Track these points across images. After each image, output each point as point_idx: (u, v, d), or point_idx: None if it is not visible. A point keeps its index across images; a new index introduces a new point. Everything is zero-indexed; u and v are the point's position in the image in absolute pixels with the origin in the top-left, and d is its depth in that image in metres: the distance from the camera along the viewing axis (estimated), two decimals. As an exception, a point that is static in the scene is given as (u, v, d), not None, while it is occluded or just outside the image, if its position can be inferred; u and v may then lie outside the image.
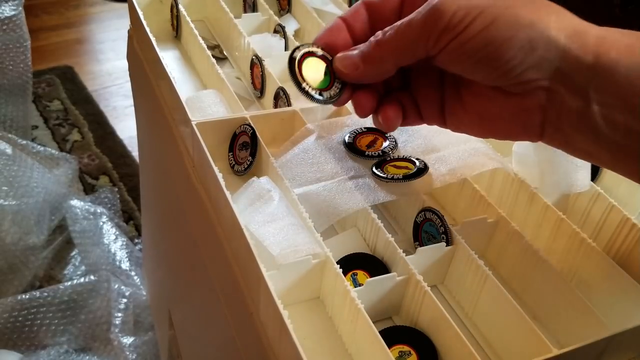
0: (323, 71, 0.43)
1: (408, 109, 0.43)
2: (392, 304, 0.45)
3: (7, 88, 1.36)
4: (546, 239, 0.49)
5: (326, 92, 0.43)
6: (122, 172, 1.57)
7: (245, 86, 0.69)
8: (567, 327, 0.44)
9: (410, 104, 0.43)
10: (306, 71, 0.43)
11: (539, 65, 0.35)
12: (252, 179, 0.48)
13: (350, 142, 0.51)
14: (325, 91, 0.43)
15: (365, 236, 0.50)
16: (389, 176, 0.47)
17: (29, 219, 1.18)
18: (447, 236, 0.46)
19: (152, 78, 0.67)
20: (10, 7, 1.28)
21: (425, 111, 0.43)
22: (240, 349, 0.47)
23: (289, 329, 0.35)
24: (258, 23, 0.74)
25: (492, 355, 0.44)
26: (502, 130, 0.39)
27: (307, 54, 0.43)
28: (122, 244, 1.26)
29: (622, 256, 0.47)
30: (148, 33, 0.63)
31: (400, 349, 0.42)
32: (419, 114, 0.43)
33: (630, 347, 0.42)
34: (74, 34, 2.10)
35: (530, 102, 0.36)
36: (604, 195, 0.49)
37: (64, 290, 1.13)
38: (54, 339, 1.11)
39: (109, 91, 1.85)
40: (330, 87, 0.43)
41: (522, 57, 0.35)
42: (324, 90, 0.43)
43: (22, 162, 1.20)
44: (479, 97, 0.39)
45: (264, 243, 0.43)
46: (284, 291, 0.44)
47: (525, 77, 0.35)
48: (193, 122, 0.52)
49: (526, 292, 0.47)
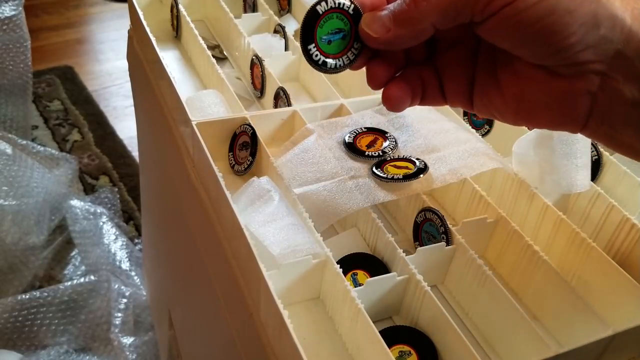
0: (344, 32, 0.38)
1: (429, 86, 0.38)
2: (392, 304, 0.45)
3: (7, 88, 1.36)
4: (546, 239, 0.49)
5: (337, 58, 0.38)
6: (122, 172, 1.57)
7: (245, 86, 0.69)
8: (567, 327, 0.44)
9: (432, 81, 0.38)
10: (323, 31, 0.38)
11: (599, 46, 0.31)
12: (252, 179, 0.48)
13: (350, 142, 0.51)
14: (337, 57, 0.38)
15: (365, 236, 0.50)
16: (389, 176, 0.47)
17: (29, 219, 1.18)
18: (447, 236, 0.46)
19: (152, 78, 0.67)
20: (10, 7, 1.28)
21: (449, 90, 0.38)
22: (240, 349, 0.47)
23: (289, 328, 0.35)
24: (258, 23, 0.74)
25: (492, 355, 0.44)
26: (539, 117, 0.35)
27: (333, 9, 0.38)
28: (122, 244, 1.26)
29: (622, 256, 0.47)
30: (148, 33, 0.63)
31: (400, 349, 0.42)
32: (442, 92, 0.38)
33: (630, 347, 0.42)
34: (74, 34, 2.10)
35: (580, 87, 0.33)
36: (604, 195, 0.49)
37: (64, 290, 1.13)
38: (54, 339, 1.11)
39: (109, 91, 1.85)
40: (345, 51, 0.38)
41: (582, 34, 0.31)
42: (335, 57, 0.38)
43: (22, 162, 1.20)
44: (520, 77, 0.35)
45: (264, 243, 0.43)
46: (284, 291, 0.44)
47: (581, 58, 0.32)
48: (193, 122, 0.52)
49: (526, 292, 0.47)
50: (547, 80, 0.33)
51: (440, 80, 0.38)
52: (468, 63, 0.37)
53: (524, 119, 0.36)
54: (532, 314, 0.46)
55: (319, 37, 0.38)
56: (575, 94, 0.33)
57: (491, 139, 0.57)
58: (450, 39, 0.38)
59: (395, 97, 0.38)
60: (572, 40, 0.31)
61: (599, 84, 0.32)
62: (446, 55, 0.38)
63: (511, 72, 0.35)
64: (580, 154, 0.49)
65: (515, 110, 0.36)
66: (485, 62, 0.37)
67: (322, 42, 0.38)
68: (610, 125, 0.33)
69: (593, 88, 0.33)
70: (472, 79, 0.37)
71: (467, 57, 0.37)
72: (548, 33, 0.31)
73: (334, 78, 0.69)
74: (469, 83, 0.37)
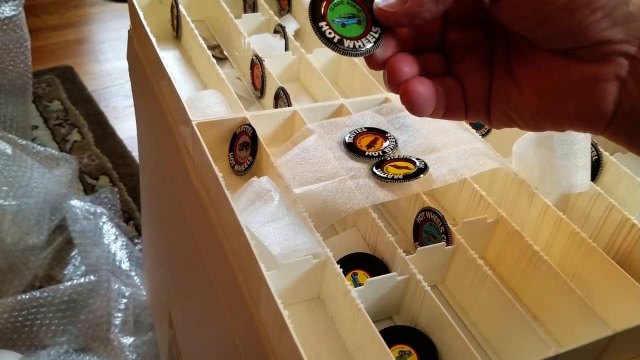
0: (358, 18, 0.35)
1: (452, 97, 0.36)
2: (392, 304, 0.45)
3: (7, 88, 1.36)
4: (546, 239, 0.49)
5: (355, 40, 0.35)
6: (122, 172, 1.57)
7: (246, 86, 0.69)
8: (567, 327, 0.44)
9: (455, 91, 0.36)
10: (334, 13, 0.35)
11: (627, 23, 0.29)
12: (252, 179, 0.48)
13: (350, 142, 0.51)
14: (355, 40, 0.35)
15: (366, 236, 0.50)
16: (389, 176, 0.47)
17: (29, 219, 1.18)
18: (447, 236, 0.46)
19: (152, 78, 0.67)
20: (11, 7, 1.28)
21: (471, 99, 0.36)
22: (241, 348, 0.47)
23: (289, 328, 0.35)
24: (258, 23, 0.74)
25: (492, 355, 0.44)
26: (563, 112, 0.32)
27: None
28: (122, 244, 1.26)
29: (622, 256, 0.47)
30: (148, 33, 0.63)
31: (400, 349, 0.42)
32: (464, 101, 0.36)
33: (630, 347, 0.42)
34: (74, 34, 2.10)
35: (607, 71, 0.30)
36: (604, 196, 0.49)
37: (64, 290, 1.13)
38: (54, 339, 1.11)
39: (109, 91, 1.85)
40: (363, 35, 0.35)
41: (610, 10, 0.29)
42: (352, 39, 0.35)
43: (22, 162, 1.20)
44: (540, 69, 0.32)
45: (264, 243, 0.43)
46: (284, 291, 0.44)
47: (607, 36, 0.29)
48: (193, 122, 0.52)
49: (526, 292, 0.47)
50: (570, 67, 0.31)
51: (462, 90, 0.36)
52: (485, 67, 0.35)
53: (546, 117, 0.33)
54: (532, 314, 0.46)
55: (331, 18, 0.36)
56: (602, 80, 0.30)
57: (491, 139, 0.57)
58: (464, 44, 0.36)
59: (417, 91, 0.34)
60: (598, 15, 0.29)
61: (627, 68, 0.30)
62: (463, 62, 0.36)
63: (530, 65, 0.33)
64: (580, 154, 0.49)
65: (536, 108, 0.33)
66: (501, 62, 0.35)
67: (335, 24, 0.36)
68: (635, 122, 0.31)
69: (621, 72, 0.30)
70: (490, 83, 0.35)
71: (483, 61, 0.36)
72: (573, 8, 0.29)
73: (334, 78, 0.69)
74: (488, 88, 0.35)
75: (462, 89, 0.36)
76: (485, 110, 0.36)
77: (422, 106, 0.35)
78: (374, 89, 0.61)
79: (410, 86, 0.34)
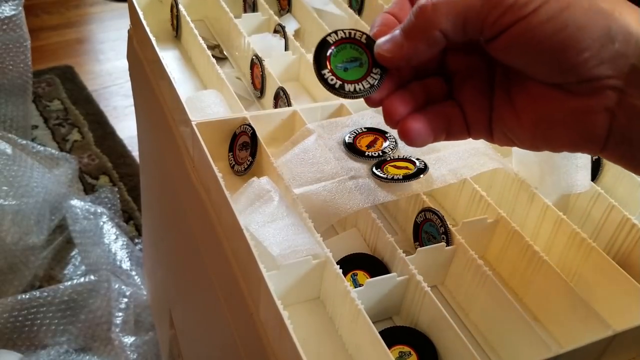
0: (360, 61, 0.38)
1: (454, 121, 0.38)
2: (392, 305, 0.45)
3: (7, 88, 1.36)
4: (546, 239, 0.49)
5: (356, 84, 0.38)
6: (122, 172, 1.57)
7: (245, 86, 0.69)
8: (567, 327, 0.44)
9: (456, 115, 0.38)
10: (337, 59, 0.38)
11: (614, 61, 0.31)
12: (252, 179, 0.48)
13: (350, 142, 0.51)
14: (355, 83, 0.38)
15: (366, 236, 0.50)
16: (389, 176, 0.47)
17: (29, 219, 1.18)
18: (447, 236, 0.46)
19: (152, 78, 0.67)
20: (10, 7, 1.28)
21: (472, 122, 0.38)
22: (241, 349, 0.47)
23: (289, 329, 0.35)
24: (258, 23, 0.74)
25: (492, 356, 0.44)
26: (558, 139, 0.35)
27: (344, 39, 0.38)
28: (122, 243, 1.26)
29: (622, 256, 0.47)
30: (148, 33, 0.63)
31: (400, 349, 0.42)
32: (466, 125, 0.38)
33: (631, 347, 0.42)
34: (74, 34, 2.10)
35: (597, 104, 0.32)
36: (604, 196, 0.49)
37: (64, 290, 1.13)
38: (54, 339, 1.11)
39: (109, 91, 1.85)
40: (364, 78, 0.38)
41: (597, 49, 0.31)
42: (353, 82, 0.38)
43: (22, 162, 1.20)
44: (535, 100, 0.35)
45: (264, 243, 0.43)
46: (284, 291, 0.44)
47: (596, 73, 0.31)
48: (193, 122, 0.52)
49: (526, 292, 0.47)
50: (563, 99, 0.33)
51: (464, 114, 0.38)
52: (485, 92, 0.37)
53: (543, 142, 0.36)
54: (532, 314, 0.46)
55: (334, 65, 0.38)
56: (592, 112, 0.33)
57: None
58: (465, 69, 0.38)
59: (413, 129, 0.37)
60: (585, 55, 0.31)
61: (616, 100, 0.32)
62: (464, 87, 0.38)
63: (526, 95, 0.35)
64: (581, 154, 0.49)
65: (534, 134, 0.35)
66: (500, 88, 0.37)
67: (337, 70, 0.38)
68: (629, 144, 0.33)
69: (610, 104, 0.32)
70: (491, 108, 0.37)
71: (483, 87, 0.37)
72: (561, 49, 0.31)
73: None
74: (489, 112, 0.37)
75: (464, 114, 0.38)
76: (487, 131, 0.38)
77: (419, 141, 0.37)
78: (374, 88, 0.61)
79: (406, 125, 0.37)
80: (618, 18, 0.31)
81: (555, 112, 0.34)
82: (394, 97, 0.37)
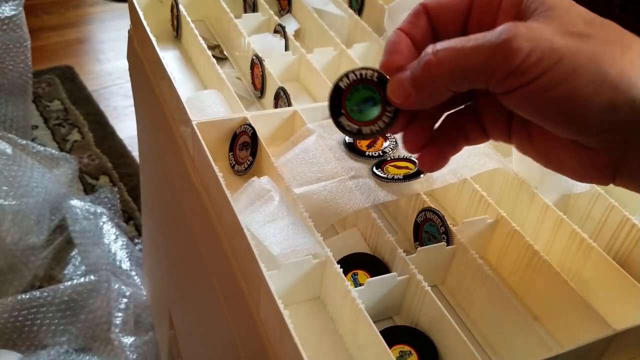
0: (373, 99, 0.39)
1: (471, 129, 0.39)
2: (392, 304, 0.45)
3: (7, 88, 1.36)
4: (546, 239, 0.49)
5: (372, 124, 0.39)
6: (122, 172, 1.57)
7: (246, 86, 0.69)
8: (567, 327, 0.44)
9: (473, 124, 0.39)
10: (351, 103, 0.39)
11: (619, 127, 0.31)
12: (253, 179, 0.48)
13: (350, 142, 0.51)
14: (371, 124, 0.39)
15: (366, 236, 0.50)
16: (389, 176, 0.47)
17: (29, 219, 1.18)
18: (448, 236, 0.46)
19: (152, 78, 0.67)
20: (11, 7, 1.28)
21: (490, 130, 0.39)
22: (241, 349, 0.47)
23: (289, 328, 0.35)
24: (258, 23, 0.74)
25: (492, 355, 0.44)
26: (568, 172, 0.36)
27: (356, 82, 0.39)
28: (122, 244, 1.26)
29: (622, 256, 0.47)
30: (148, 33, 0.63)
31: (401, 349, 0.42)
32: (484, 132, 0.39)
33: (631, 347, 0.42)
34: (75, 34, 2.11)
35: (604, 158, 0.33)
36: (604, 195, 0.49)
37: (64, 290, 1.13)
38: (54, 339, 1.11)
39: (109, 91, 1.85)
40: (379, 116, 0.38)
41: (601, 119, 0.31)
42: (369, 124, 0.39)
43: (22, 162, 1.20)
44: (547, 137, 0.35)
45: (264, 243, 0.43)
46: (285, 291, 0.44)
47: (602, 137, 0.32)
48: (193, 122, 0.52)
49: (526, 292, 0.47)
50: (572, 147, 0.34)
51: (480, 122, 0.39)
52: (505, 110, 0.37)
53: (553, 169, 0.37)
54: (533, 314, 0.46)
55: (349, 108, 0.39)
56: (600, 163, 0.34)
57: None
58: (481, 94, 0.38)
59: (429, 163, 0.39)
60: (590, 124, 0.31)
61: (623, 153, 0.33)
62: (483, 99, 0.38)
63: (541, 134, 0.36)
64: None
65: (545, 160, 0.37)
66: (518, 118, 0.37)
67: (353, 113, 0.39)
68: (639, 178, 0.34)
69: (618, 158, 0.33)
70: (510, 124, 0.38)
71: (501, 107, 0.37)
72: (565, 117, 0.31)
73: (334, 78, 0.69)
74: (507, 125, 0.38)
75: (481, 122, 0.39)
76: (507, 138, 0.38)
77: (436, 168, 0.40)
78: (374, 89, 0.61)
79: (423, 159, 0.39)
80: (623, 89, 0.30)
81: (564, 154, 0.35)
82: (409, 131, 0.39)
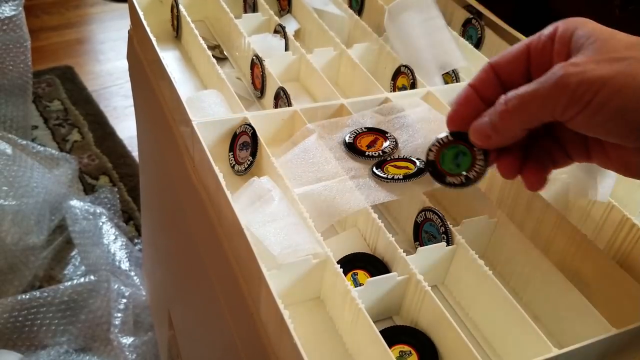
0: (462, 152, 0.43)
1: (556, 154, 0.42)
2: (392, 304, 0.45)
3: (7, 88, 1.36)
4: (546, 238, 0.49)
5: (472, 170, 0.43)
6: (122, 172, 1.57)
7: (246, 86, 0.69)
8: (568, 327, 0.44)
9: (557, 149, 0.42)
10: (447, 164, 0.44)
11: None
12: (253, 179, 0.48)
13: (350, 142, 0.51)
14: (472, 170, 0.43)
15: (366, 236, 0.50)
16: (389, 176, 0.47)
17: (29, 219, 1.18)
18: (448, 236, 0.46)
19: (152, 78, 0.67)
20: (11, 7, 1.28)
21: (572, 153, 0.42)
22: (241, 349, 0.47)
23: (289, 328, 0.35)
24: (258, 23, 0.74)
25: (492, 355, 0.44)
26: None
27: (440, 148, 0.44)
28: (122, 244, 1.26)
29: (622, 256, 0.47)
30: (148, 33, 0.63)
31: (400, 349, 0.42)
32: (567, 155, 0.42)
33: (631, 347, 0.42)
34: (75, 34, 2.10)
35: None
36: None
37: (64, 290, 1.13)
38: (54, 339, 1.11)
39: (109, 91, 1.85)
40: (473, 162, 0.43)
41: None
42: (470, 170, 0.43)
43: (22, 162, 1.20)
44: (622, 150, 0.38)
45: (264, 243, 0.43)
46: (285, 291, 0.44)
47: None
48: (193, 122, 0.52)
49: (526, 292, 0.47)
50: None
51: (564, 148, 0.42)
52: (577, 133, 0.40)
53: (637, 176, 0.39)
54: (533, 313, 0.46)
55: (448, 169, 0.44)
56: None
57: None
58: None
59: (535, 182, 0.42)
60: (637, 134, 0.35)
61: None
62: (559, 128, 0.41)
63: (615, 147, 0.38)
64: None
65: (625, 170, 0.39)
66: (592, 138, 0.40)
67: (453, 170, 0.44)
68: None
69: None
70: (586, 144, 0.41)
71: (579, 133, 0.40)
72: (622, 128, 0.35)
73: (334, 78, 0.69)
74: (585, 147, 0.41)
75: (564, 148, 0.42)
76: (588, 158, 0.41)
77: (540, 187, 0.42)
78: (374, 88, 0.61)
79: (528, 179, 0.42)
80: None
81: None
82: (501, 163, 0.42)
